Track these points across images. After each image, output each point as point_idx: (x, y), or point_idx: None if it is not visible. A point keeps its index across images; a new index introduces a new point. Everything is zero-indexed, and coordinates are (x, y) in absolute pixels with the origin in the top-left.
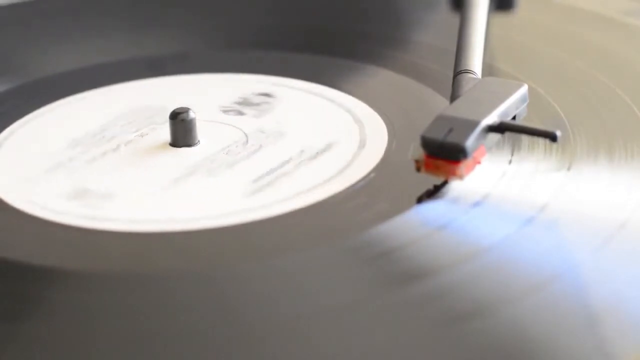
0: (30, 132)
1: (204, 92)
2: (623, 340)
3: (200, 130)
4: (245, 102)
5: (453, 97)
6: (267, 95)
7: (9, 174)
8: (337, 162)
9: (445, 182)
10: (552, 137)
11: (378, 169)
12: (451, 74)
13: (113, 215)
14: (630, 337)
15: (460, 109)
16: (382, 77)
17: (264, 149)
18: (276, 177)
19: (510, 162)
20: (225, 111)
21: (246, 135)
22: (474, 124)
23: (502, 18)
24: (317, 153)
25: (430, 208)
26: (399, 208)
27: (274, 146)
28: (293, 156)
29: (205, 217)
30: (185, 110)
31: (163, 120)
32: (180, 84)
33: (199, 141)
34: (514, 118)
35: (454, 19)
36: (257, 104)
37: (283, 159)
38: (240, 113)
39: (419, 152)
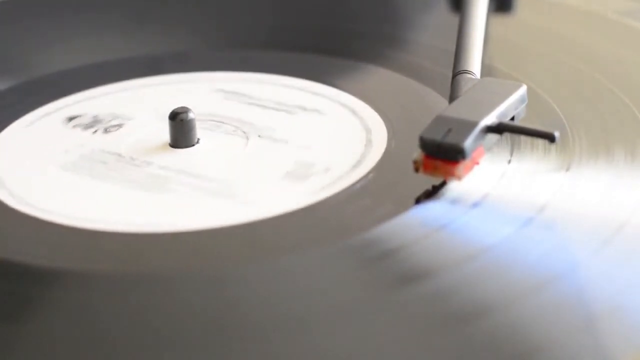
0: (31, 132)
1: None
2: (622, 340)
3: (200, 130)
4: (245, 102)
5: (452, 98)
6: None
7: (9, 174)
8: (337, 162)
9: (443, 183)
10: (551, 138)
11: (377, 169)
12: (450, 74)
13: (114, 216)
14: (629, 338)
15: (459, 110)
16: (381, 77)
17: (261, 151)
18: (277, 178)
19: (509, 162)
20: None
21: (246, 136)
22: (472, 125)
23: (501, 19)
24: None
25: (429, 209)
26: (398, 208)
27: (272, 147)
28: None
29: (205, 216)
30: (184, 111)
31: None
32: (178, 84)
33: (198, 140)
34: (512, 119)
35: (453, 19)
36: (257, 105)
37: (282, 161)
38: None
39: (418, 153)
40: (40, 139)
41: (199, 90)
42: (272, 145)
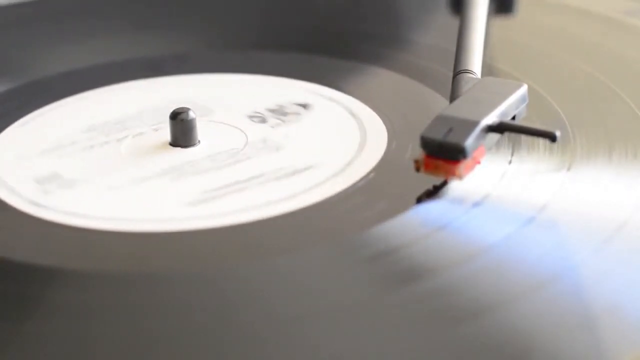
0: (31, 132)
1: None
2: (622, 340)
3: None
4: (244, 103)
5: (453, 97)
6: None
7: (9, 174)
8: (337, 162)
9: (444, 182)
10: (552, 137)
11: (378, 168)
12: (451, 74)
13: (115, 215)
14: (629, 338)
15: (459, 109)
16: (382, 77)
17: (261, 151)
18: (277, 178)
19: (510, 162)
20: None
21: (246, 137)
22: (473, 124)
23: (501, 19)
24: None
25: (430, 208)
26: (399, 208)
27: (271, 147)
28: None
29: (205, 216)
30: (185, 111)
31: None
32: (177, 84)
33: (199, 141)
34: (513, 118)
35: (454, 20)
36: (256, 106)
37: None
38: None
39: (419, 152)
40: (39, 139)
41: (199, 90)
42: (271, 146)
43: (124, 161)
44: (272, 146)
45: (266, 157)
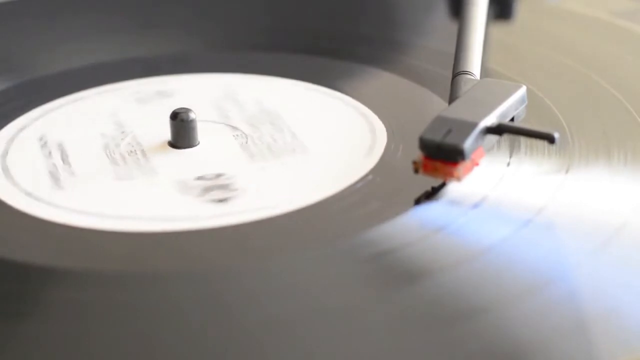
0: (30, 132)
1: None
2: (619, 343)
3: (202, 132)
4: (244, 104)
5: (452, 99)
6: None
7: (9, 174)
8: (337, 162)
9: (443, 184)
10: (550, 139)
11: (376, 170)
12: (450, 76)
13: (114, 215)
14: (626, 340)
15: (458, 111)
16: (381, 79)
17: (261, 152)
18: (276, 178)
19: (508, 164)
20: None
21: (246, 137)
22: (472, 126)
23: (500, 22)
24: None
25: (428, 210)
26: (398, 209)
27: (271, 147)
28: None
29: (205, 216)
30: (185, 111)
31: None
32: (178, 84)
33: (199, 142)
34: (512, 119)
35: (453, 22)
36: (256, 106)
37: (281, 160)
38: (240, 113)
39: (417, 154)
40: (40, 139)
41: (200, 90)
42: (271, 146)
43: (124, 161)
44: (272, 146)
45: (266, 157)
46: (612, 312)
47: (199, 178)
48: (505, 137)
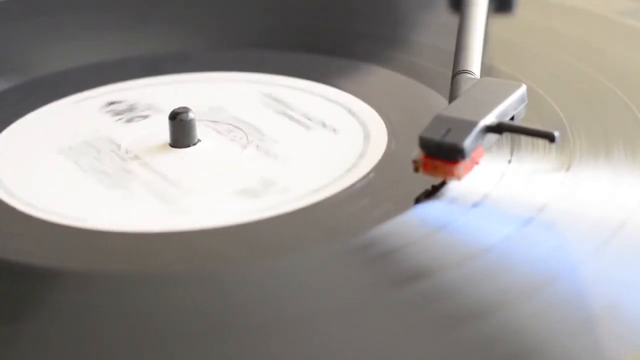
0: (30, 132)
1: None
2: (622, 340)
3: (199, 131)
4: (244, 103)
5: (452, 97)
6: (267, 96)
7: (9, 174)
8: (337, 161)
9: (443, 183)
10: (551, 138)
11: (377, 169)
12: (450, 74)
13: (111, 215)
14: (629, 338)
15: (458, 109)
16: (382, 77)
17: (262, 149)
18: (278, 176)
19: (509, 162)
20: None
21: (246, 136)
22: (472, 125)
23: (501, 18)
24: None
25: (429, 209)
26: (398, 208)
27: (272, 145)
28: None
29: (205, 216)
30: (184, 111)
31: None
32: (178, 84)
33: (199, 140)
34: (512, 118)
35: (454, 19)
36: (256, 106)
37: (284, 157)
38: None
39: (418, 152)
40: (40, 139)
41: (200, 91)
42: (270, 146)
43: (123, 160)
44: (272, 147)
45: (266, 158)
46: (615, 309)
47: (196, 178)
48: (506, 136)
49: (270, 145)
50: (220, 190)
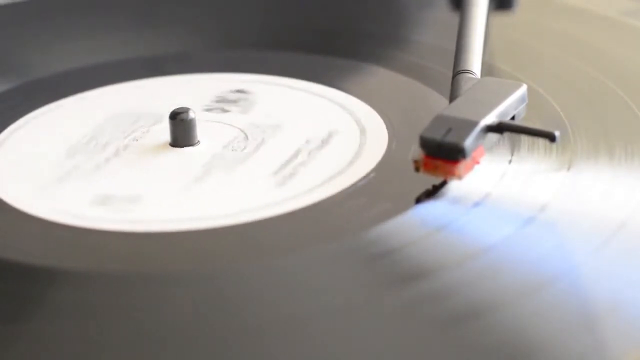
0: (31, 133)
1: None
2: (622, 340)
3: (200, 131)
4: (244, 104)
5: (452, 97)
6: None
7: (9, 175)
8: (337, 161)
9: (444, 183)
10: (551, 138)
11: (378, 169)
12: (451, 74)
13: (115, 215)
14: (629, 337)
15: (459, 109)
16: (381, 77)
17: (262, 149)
18: (275, 178)
19: (510, 162)
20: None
21: (246, 136)
22: (472, 124)
23: (501, 18)
24: (322, 142)
25: (429, 208)
26: (398, 208)
27: (275, 140)
28: (301, 147)
29: (205, 216)
30: (185, 111)
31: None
32: (177, 84)
33: (198, 141)
34: (513, 118)
35: (454, 19)
36: (256, 106)
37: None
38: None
39: (418, 152)
40: (40, 139)
41: (200, 91)
42: (270, 146)
43: (123, 160)
44: (272, 147)
45: (265, 158)
46: (615, 309)
47: (200, 177)
48: (507, 135)
49: (270, 145)
50: (220, 189)
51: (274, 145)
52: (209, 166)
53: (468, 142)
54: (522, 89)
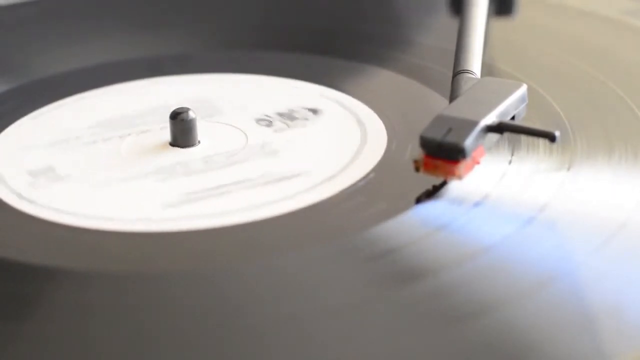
0: (31, 132)
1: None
2: (622, 340)
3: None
4: (244, 104)
5: (452, 97)
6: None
7: (9, 175)
8: (337, 161)
9: (444, 183)
10: (551, 138)
11: (378, 169)
12: (451, 74)
13: (112, 215)
14: (629, 337)
15: (459, 109)
16: (382, 78)
17: (262, 149)
18: (277, 175)
19: (510, 162)
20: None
21: (246, 137)
22: (472, 124)
23: (501, 20)
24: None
25: (430, 208)
26: (399, 208)
27: (270, 147)
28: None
29: (206, 216)
30: (185, 110)
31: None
32: (178, 84)
33: (199, 141)
34: (513, 118)
35: (454, 20)
36: (256, 106)
37: (281, 160)
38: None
39: (418, 152)
40: (41, 139)
41: (200, 90)
42: (271, 146)
43: (122, 160)
44: (272, 147)
45: (266, 158)
46: (615, 308)
47: (195, 177)
48: (507, 135)
49: (270, 146)
50: (219, 189)
51: (272, 144)
52: (209, 166)
53: (468, 142)
54: (522, 89)
